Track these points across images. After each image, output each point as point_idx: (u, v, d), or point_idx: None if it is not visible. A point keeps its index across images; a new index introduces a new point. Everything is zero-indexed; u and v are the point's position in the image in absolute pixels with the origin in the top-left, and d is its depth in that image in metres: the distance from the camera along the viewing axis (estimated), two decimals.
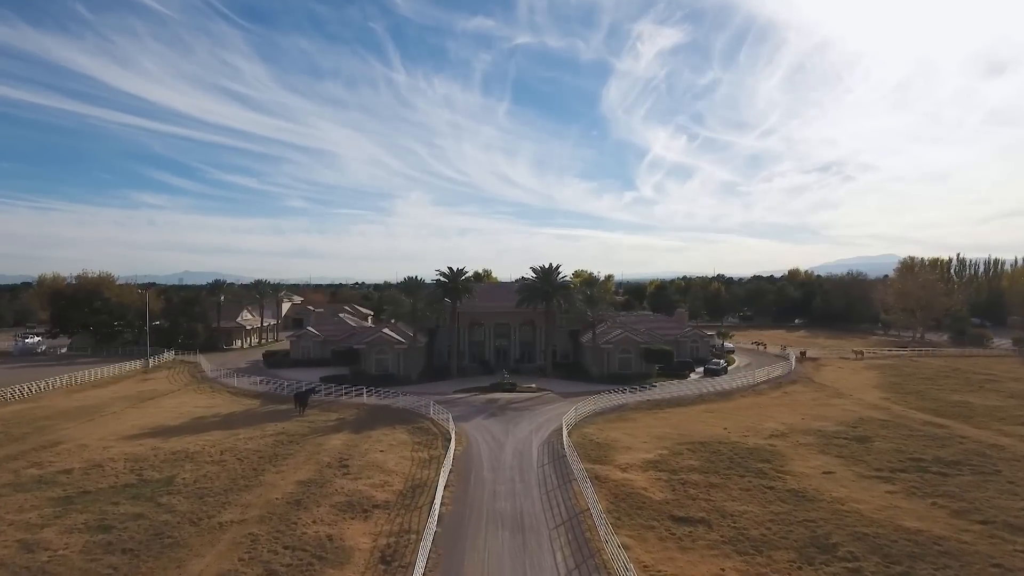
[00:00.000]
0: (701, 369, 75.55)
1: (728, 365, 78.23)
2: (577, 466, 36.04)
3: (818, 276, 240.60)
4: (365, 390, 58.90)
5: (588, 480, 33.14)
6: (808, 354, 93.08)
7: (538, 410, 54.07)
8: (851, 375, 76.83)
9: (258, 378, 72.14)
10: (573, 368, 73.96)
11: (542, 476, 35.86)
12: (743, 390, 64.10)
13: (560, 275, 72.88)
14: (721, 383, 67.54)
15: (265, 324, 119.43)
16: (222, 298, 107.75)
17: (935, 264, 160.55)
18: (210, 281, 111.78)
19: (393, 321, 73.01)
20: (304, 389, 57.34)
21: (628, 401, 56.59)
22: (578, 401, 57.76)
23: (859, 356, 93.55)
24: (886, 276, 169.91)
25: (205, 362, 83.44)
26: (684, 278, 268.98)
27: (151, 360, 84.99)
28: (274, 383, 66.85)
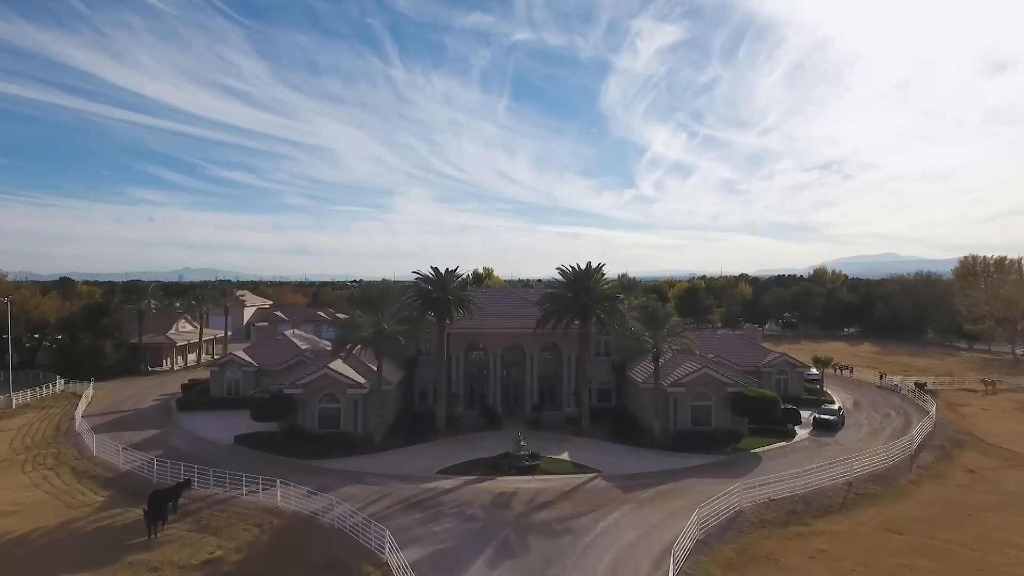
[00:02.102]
0: (809, 416, 51.54)
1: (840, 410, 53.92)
2: None
3: (845, 276, 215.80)
4: (280, 483, 33.96)
5: None
6: (918, 385, 68.58)
7: (588, 527, 29.81)
8: (1020, 426, 52.94)
9: (148, 433, 48.04)
10: (618, 419, 49.76)
11: None
12: (902, 468, 39.90)
13: (603, 279, 48.71)
14: (854, 448, 43.54)
15: (212, 336, 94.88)
16: (151, 304, 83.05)
17: (1001, 264, 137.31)
18: (135, 281, 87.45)
19: (351, 347, 48.07)
20: (172, 485, 33.00)
21: (742, 505, 32.29)
22: (645, 496, 33.85)
23: (991, 388, 69.56)
24: (927, 276, 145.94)
25: (86, 400, 59.00)
26: (704, 278, 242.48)
27: (17, 396, 60.34)
28: (158, 451, 42.74)
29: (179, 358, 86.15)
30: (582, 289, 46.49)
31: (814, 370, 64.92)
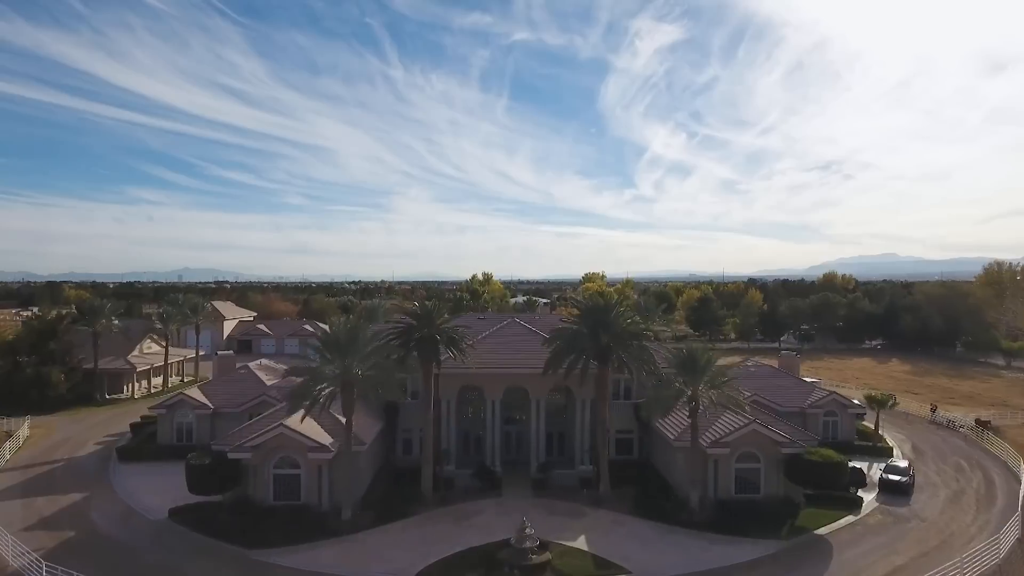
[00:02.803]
0: (868, 466, 43.05)
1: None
2: None
3: (856, 280, 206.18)
4: None
5: None
6: (979, 423, 59.76)
7: None
8: None
9: (69, 498, 39.27)
10: (643, 477, 41.18)
11: None
12: (1013, 560, 31.21)
13: (624, 312, 40.00)
14: (941, 525, 34.96)
15: (181, 358, 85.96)
16: (112, 323, 73.91)
17: None
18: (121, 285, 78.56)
19: (316, 396, 38.84)
20: None
21: None
22: None
23: None
24: (954, 285, 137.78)
25: (14, 445, 50.18)
26: (711, 283, 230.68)
27: None
28: (70, 532, 34.00)
29: (142, 383, 77.26)
30: (601, 326, 37.74)
31: (865, 408, 56.00)
